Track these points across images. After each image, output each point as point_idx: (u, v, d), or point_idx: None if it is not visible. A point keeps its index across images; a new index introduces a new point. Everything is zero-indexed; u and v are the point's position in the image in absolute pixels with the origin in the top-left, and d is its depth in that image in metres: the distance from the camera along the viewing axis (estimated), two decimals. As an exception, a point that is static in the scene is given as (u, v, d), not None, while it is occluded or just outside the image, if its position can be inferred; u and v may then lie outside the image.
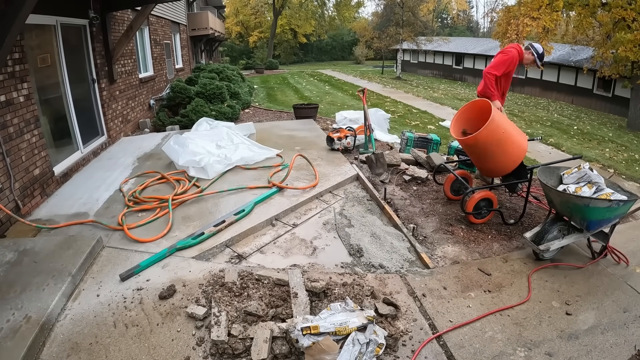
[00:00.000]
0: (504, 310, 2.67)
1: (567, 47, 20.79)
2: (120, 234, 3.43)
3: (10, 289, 2.56)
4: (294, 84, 19.64)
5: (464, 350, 2.32)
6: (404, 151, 6.17)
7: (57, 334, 2.33)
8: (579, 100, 19.67)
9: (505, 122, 3.72)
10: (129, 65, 7.68)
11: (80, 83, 5.78)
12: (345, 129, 6.15)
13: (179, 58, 13.86)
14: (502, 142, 3.65)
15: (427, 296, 2.78)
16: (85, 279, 2.82)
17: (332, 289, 2.67)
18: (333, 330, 2.14)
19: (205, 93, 8.83)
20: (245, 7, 41.27)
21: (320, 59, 46.88)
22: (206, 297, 2.61)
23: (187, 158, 4.79)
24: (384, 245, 3.50)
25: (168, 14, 11.86)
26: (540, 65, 4.26)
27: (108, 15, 6.35)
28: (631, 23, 12.13)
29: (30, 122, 4.09)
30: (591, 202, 2.99)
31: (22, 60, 3.99)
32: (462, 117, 4.00)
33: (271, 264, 3.14)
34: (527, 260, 3.28)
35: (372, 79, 24.99)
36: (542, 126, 12.94)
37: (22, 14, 3.24)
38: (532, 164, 4.18)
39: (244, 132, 6.50)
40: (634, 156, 9.91)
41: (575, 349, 2.36)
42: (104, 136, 6.37)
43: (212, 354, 2.20)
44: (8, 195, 3.63)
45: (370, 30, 31.58)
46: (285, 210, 3.96)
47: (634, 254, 3.41)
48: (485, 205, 3.85)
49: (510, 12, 14.75)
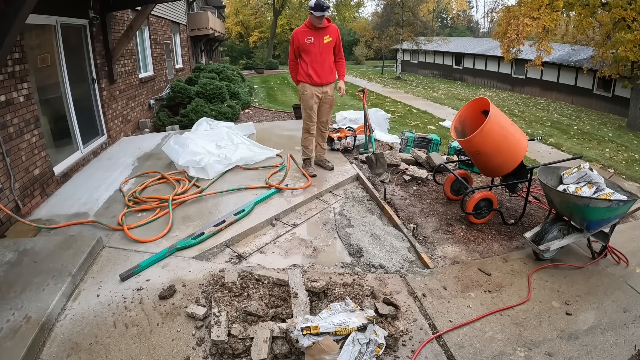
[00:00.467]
0: (504, 310, 2.67)
1: (567, 47, 20.80)
2: (120, 234, 3.43)
3: (10, 289, 2.56)
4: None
5: (464, 350, 2.32)
6: (404, 151, 6.17)
7: (57, 334, 2.33)
8: (579, 100, 19.68)
9: (505, 122, 3.72)
10: (129, 65, 7.68)
11: (80, 83, 5.78)
12: (345, 129, 6.15)
13: (179, 58, 13.86)
14: (502, 141, 3.65)
15: (427, 296, 2.78)
16: (85, 279, 2.82)
17: (332, 289, 2.67)
18: (333, 330, 2.14)
19: (205, 93, 8.83)
20: (245, 7, 41.26)
21: (320, 59, 46.76)
22: (206, 297, 2.61)
23: (187, 158, 4.79)
24: (384, 245, 3.50)
25: (168, 14, 11.86)
26: (315, 15, 4.14)
27: (108, 15, 6.35)
28: (631, 23, 12.14)
29: (30, 122, 4.09)
30: (591, 202, 2.99)
31: (22, 60, 3.99)
32: (462, 118, 4.00)
33: (271, 264, 3.14)
34: (527, 260, 3.28)
35: (372, 78, 24.99)
36: (542, 126, 12.94)
37: (22, 14, 3.24)
38: (532, 164, 4.18)
39: (244, 132, 6.49)
40: (634, 156, 9.92)
41: (575, 349, 2.36)
42: (104, 136, 6.37)
43: (212, 354, 2.20)
44: (8, 195, 3.63)
45: (370, 30, 31.61)
46: (285, 210, 3.95)
47: (634, 254, 3.41)
48: (485, 205, 3.85)
49: (510, 12, 14.75)
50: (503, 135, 3.63)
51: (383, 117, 8.19)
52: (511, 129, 3.71)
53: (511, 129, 3.71)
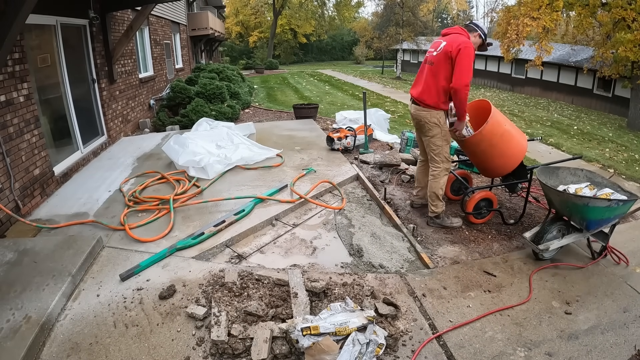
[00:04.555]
0: (504, 310, 2.67)
1: (567, 47, 20.78)
2: (120, 234, 3.43)
3: (10, 289, 2.56)
4: (294, 84, 19.63)
5: (464, 350, 2.32)
6: (404, 151, 6.17)
7: (57, 334, 2.33)
8: (579, 100, 19.67)
9: (505, 122, 3.72)
10: (129, 65, 7.68)
11: (80, 83, 5.78)
12: (345, 129, 6.15)
13: (179, 58, 13.86)
14: (502, 141, 3.65)
15: (427, 296, 2.78)
16: (85, 279, 2.82)
17: (332, 289, 2.67)
18: (333, 330, 2.14)
19: (205, 93, 8.83)
20: (245, 7, 41.27)
21: (320, 59, 46.87)
22: (206, 297, 2.61)
23: (187, 158, 4.79)
24: (384, 245, 3.50)
25: (168, 14, 11.86)
26: (487, 44, 3.64)
27: (108, 15, 6.35)
28: (631, 23, 12.14)
29: (30, 122, 4.09)
30: (590, 202, 2.99)
31: (22, 60, 3.99)
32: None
33: (271, 264, 3.14)
34: (527, 260, 3.27)
35: (372, 79, 24.99)
36: (542, 126, 12.94)
37: (22, 14, 3.24)
38: (532, 164, 4.18)
39: (244, 132, 6.50)
40: (634, 156, 9.91)
41: (575, 349, 2.36)
42: (104, 136, 6.37)
43: (212, 354, 2.20)
44: (8, 195, 3.63)
45: (370, 30, 31.60)
46: (285, 210, 3.95)
47: (634, 254, 3.41)
48: (485, 205, 3.85)
49: (510, 12, 14.74)
50: (503, 136, 3.63)
51: (383, 117, 8.19)
52: (511, 130, 3.71)
53: (511, 130, 3.71)
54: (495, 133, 3.58)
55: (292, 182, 4.50)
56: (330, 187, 4.55)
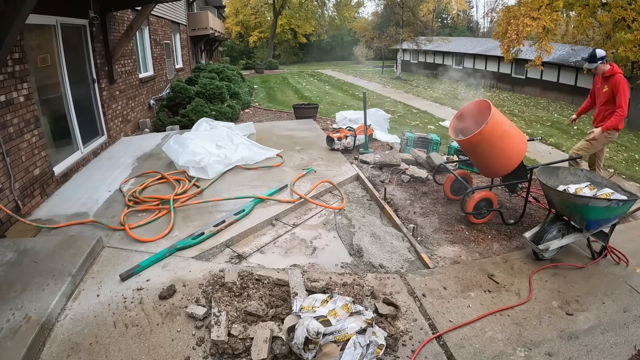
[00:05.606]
0: (504, 310, 2.67)
1: (567, 47, 20.77)
2: (120, 234, 3.43)
3: (10, 289, 2.56)
4: (294, 84, 19.63)
5: (464, 350, 2.32)
6: (404, 151, 6.17)
7: (57, 334, 2.33)
8: (579, 100, 19.63)
9: (505, 122, 3.72)
10: (129, 65, 7.68)
11: (80, 83, 5.78)
12: (345, 129, 6.15)
13: (179, 58, 13.86)
14: (502, 141, 3.65)
15: (427, 296, 2.78)
16: (85, 279, 2.82)
17: (332, 289, 2.67)
18: (325, 313, 2.14)
19: (205, 93, 8.83)
20: (245, 7, 41.25)
21: (320, 59, 46.85)
22: (206, 297, 2.61)
23: (187, 158, 4.79)
24: (384, 245, 3.50)
25: (168, 14, 11.85)
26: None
27: (108, 15, 6.35)
28: (631, 23, 12.14)
29: (30, 122, 4.09)
30: (590, 202, 2.99)
31: (22, 60, 3.99)
32: (460, 119, 4.00)
33: (271, 264, 3.14)
34: (527, 260, 3.27)
35: (372, 79, 24.99)
36: (542, 126, 12.94)
37: (22, 14, 3.24)
38: (532, 164, 4.18)
39: (244, 132, 6.50)
40: (634, 156, 9.91)
41: (575, 349, 2.36)
42: (104, 136, 6.37)
43: (212, 354, 2.20)
44: (8, 195, 3.63)
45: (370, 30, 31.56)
46: (285, 210, 3.95)
47: (634, 254, 3.41)
48: (485, 206, 3.85)
49: (510, 12, 14.74)
50: (503, 136, 3.63)
51: (383, 117, 8.20)
52: (511, 130, 3.71)
53: (511, 130, 3.71)
54: (495, 133, 3.58)
55: (292, 182, 4.51)
56: (330, 187, 4.55)
